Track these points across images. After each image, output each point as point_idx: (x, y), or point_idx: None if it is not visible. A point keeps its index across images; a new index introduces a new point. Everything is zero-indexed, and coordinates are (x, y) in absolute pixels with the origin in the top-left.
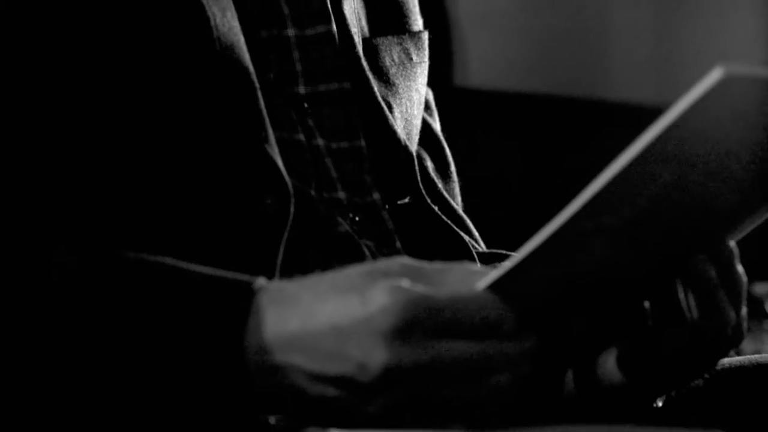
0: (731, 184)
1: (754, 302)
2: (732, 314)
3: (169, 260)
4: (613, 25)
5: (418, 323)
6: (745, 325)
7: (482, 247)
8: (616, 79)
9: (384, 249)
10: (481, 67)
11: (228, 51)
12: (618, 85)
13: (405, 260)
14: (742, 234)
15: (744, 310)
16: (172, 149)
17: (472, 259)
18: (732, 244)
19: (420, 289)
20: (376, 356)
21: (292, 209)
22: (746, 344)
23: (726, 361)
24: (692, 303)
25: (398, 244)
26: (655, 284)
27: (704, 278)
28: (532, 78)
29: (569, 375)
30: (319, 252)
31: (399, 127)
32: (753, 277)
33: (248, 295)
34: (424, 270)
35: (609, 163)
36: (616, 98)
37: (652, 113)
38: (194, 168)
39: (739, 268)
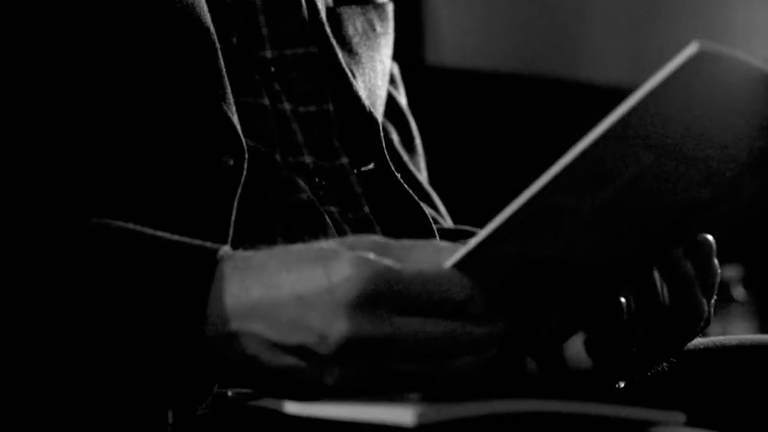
0: (705, 170)
1: (721, 285)
2: (705, 306)
3: (133, 226)
4: (589, 3)
5: (381, 296)
6: (712, 311)
7: (449, 222)
8: (591, 58)
9: (350, 214)
10: (454, 46)
11: (188, 9)
12: (594, 65)
13: (374, 237)
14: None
15: (714, 299)
16: (131, 106)
17: (431, 231)
18: (710, 238)
19: (386, 262)
20: (336, 327)
21: (245, 166)
22: (712, 326)
23: (691, 343)
24: (666, 295)
25: (366, 209)
26: (630, 274)
27: (683, 274)
28: (505, 57)
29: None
30: (280, 218)
31: (363, 94)
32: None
33: (212, 262)
34: (392, 246)
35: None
36: (592, 79)
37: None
38: (152, 125)
39: (715, 261)
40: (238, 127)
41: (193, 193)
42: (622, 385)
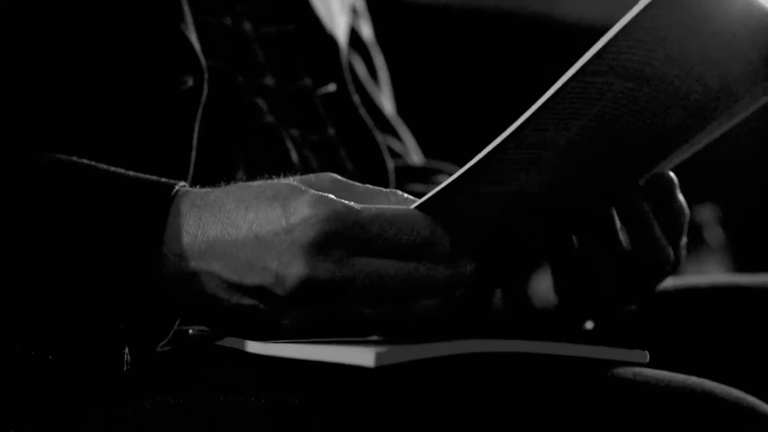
0: (677, 101)
1: (695, 227)
2: (666, 248)
3: (86, 161)
4: None
5: (339, 237)
6: (683, 253)
7: (417, 156)
8: None
9: (314, 136)
10: None
11: None
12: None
13: (336, 176)
14: (679, 160)
15: (684, 240)
16: (84, 26)
17: (382, 162)
18: (671, 173)
19: (345, 202)
20: (293, 269)
21: (205, 86)
22: (688, 269)
23: (663, 284)
24: (626, 233)
25: (331, 131)
26: (592, 211)
27: (638, 212)
28: None
29: (498, 294)
30: (241, 142)
31: (323, 16)
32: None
33: (167, 197)
34: (355, 188)
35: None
36: (569, 15)
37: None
38: (108, 45)
39: (680, 198)
40: (197, 46)
41: (153, 115)
42: (590, 325)
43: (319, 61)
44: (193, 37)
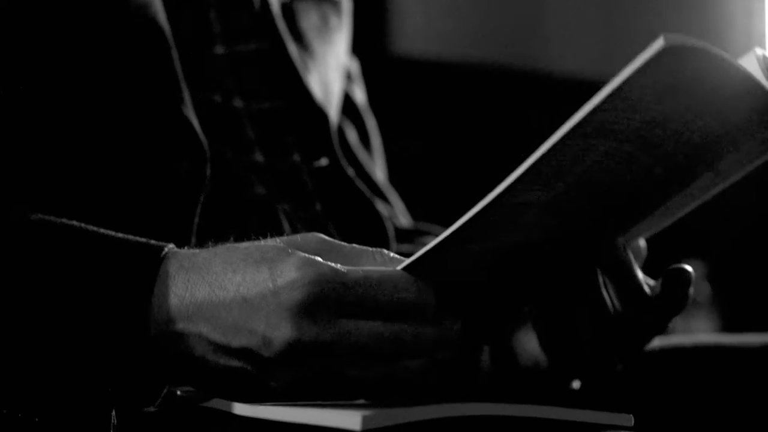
0: (660, 160)
1: None
2: (650, 304)
3: (76, 223)
4: None
5: (325, 300)
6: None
7: (406, 220)
8: (557, 50)
9: (302, 212)
10: (419, 36)
11: (142, 10)
12: (559, 56)
13: (322, 236)
14: (661, 226)
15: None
16: (88, 109)
17: (383, 229)
18: (641, 243)
19: (332, 265)
20: (280, 331)
21: (208, 171)
22: (676, 325)
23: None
24: (612, 292)
25: (318, 207)
26: (575, 267)
27: (622, 268)
28: (470, 47)
29: (485, 352)
30: (234, 216)
31: (316, 89)
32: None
33: (155, 260)
34: (341, 247)
35: (546, 137)
36: (560, 70)
37: (595, 85)
38: (111, 128)
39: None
40: (200, 130)
41: (155, 198)
42: (577, 385)
43: (309, 136)
44: (195, 121)
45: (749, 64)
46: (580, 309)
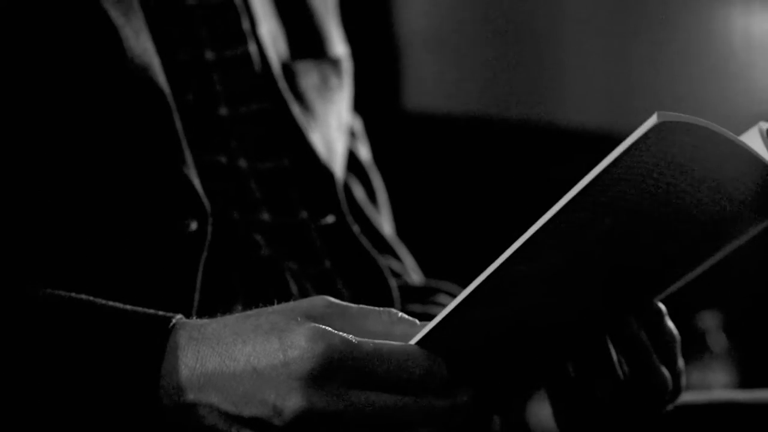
0: (668, 235)
1: (699, 335)
2: (664, 373)
3: (84, 296)
4: (569, 48)
5: (335, 371)
6: (683, 380)
7: (416, 276)
8: (568, 104)
9: (310, 269)
10: (431, 91)
11: (142, 72)
12: (570, 110)
13: (330, 299)
14: (672, 289)
15: (680, 364)
16: (88, 171)
17: (387, 287)
18: (659, 303)
19: (342, 335)
20: (290, 401)
21: (210, 230)
22: (692, 377)
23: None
24: (623, 361)
25: (327, 264)
26: (586, 339)
27: (635, 340)
28: (482, 101)
29: (497, 421)
30: (241, 277)
31: (320, 148)
32: (697, 307)
33: (164, 331)
34: (348, 309)
35: (555, 191)
36: (568, 123)
37: (605, 139)
38: (111, 190)
39: (669, 326)
40: (201, 190)
41: (157, 258)
42: None
43: (315, 194)
44: (196, 181)
45: (752, 139)
46: (593, 378)
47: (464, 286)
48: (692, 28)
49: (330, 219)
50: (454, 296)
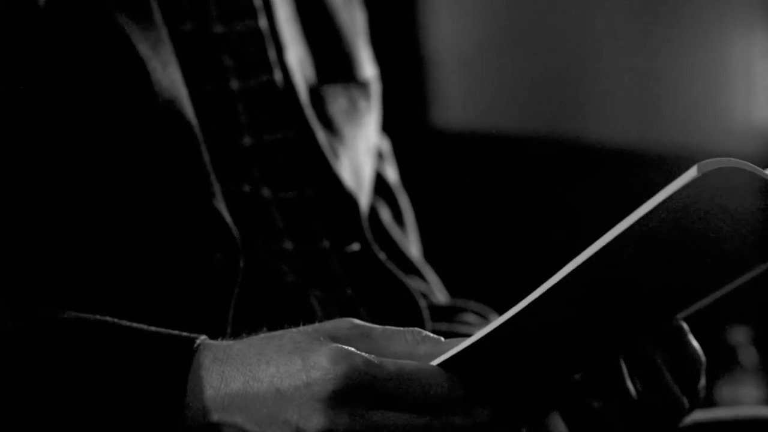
0: (695, 266)
1: (729, 349)
2: (679, 397)
3: (109, 319)
4: (595, 66)
5: (357, 392)
6: (701, 395)
7: (442, 296)
8: (598, 121)
9: (333, 297)
10: (460, 109)
11: (170, 105)
12: (600, 127)
13: (354, 321)
14: (696, 308)
15: (702, 383)
16: (117, 205)
17: (417, 310)
18: (681, 321)
19: (364, 356)
20: (312, 422)
21: (241, 264)
22: (722, 392)
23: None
24: (637, 381)
25: (349, 291)
26: (602, 357)
27: (647, 361)
28: (511, 120)
29: None
30: (266, 304)
31: (346, 174)
32: (728, 322)
33: (189, 353)
34: (373, 332)
35: (584, 211)
36: (598, 140)
37: (635, 156)
38: (141, 224)
39: (693, 344)
40: (231, 223)
41: (189, 292)
42: None
43: (338, 223)
44: (226, 213)
45: None
46: (606, 400)
47: (489, 305)
48: (723, 44)
49: (355, 247)
50: (479, 315)
